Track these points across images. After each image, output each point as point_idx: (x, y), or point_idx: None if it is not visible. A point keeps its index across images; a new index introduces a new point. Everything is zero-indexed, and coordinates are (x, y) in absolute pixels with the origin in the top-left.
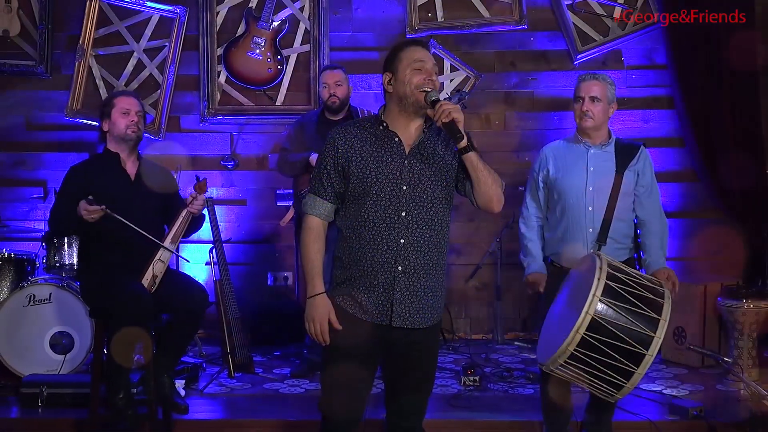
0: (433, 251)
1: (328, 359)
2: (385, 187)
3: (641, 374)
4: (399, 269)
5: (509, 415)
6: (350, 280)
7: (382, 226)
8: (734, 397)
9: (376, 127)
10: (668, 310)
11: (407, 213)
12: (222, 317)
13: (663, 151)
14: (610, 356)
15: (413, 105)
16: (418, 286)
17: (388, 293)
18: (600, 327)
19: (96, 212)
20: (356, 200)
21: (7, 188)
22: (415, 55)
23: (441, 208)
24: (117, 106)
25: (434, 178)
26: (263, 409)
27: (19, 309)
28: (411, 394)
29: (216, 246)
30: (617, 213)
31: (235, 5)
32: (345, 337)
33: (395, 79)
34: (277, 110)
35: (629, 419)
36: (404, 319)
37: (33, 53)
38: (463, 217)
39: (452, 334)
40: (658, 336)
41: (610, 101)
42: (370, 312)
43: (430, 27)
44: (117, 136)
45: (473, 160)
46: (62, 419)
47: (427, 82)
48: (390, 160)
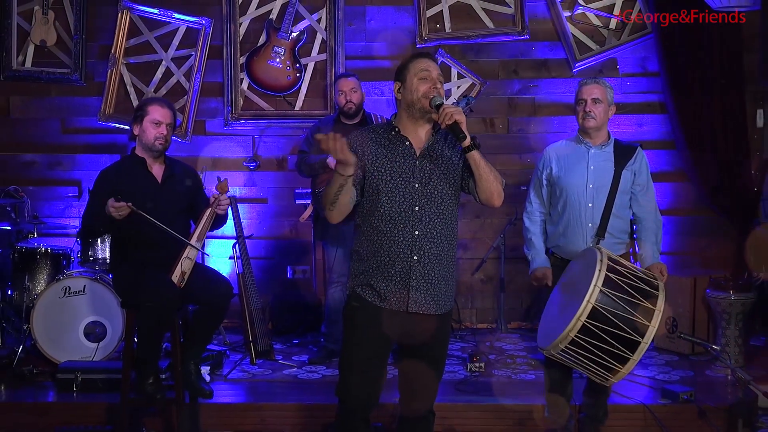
0: (444, 242)
1: (346, 345)
2: (399, 184)
3: (636, 360)
4: (414, 258)
5: (513, 399)
6: (368, 271)
7: (398, 219)
8: (722, 382)
9: (389, 132)
10: (662, 301)
11: (420, 207)
12: (244, 308)
13: (656, 153)
14: (608, 342)
15: (420, 111)
16: (432, 275)
17: (404, 281)
18: (600, 315)
19: (123, 209)
20: (372, 197)
21: (44, 188)
22: (422, 65)
23: (450, 203)
24: (150, 115)
25: (443, 176)
26: (283, 394)
27: (55, 300)
28: (423, 379)
29: (239, 241)
30: (615, 210)
31: (257, 17)
32: (364, 325)
33: (404, 87)
34: (295, 115)
35: (624, 402)
36: (420, 305)
37: (68, 62)
38: (470, 214)
39: (459, 323)
40: (653, 325)
41: (610, 103)
42: (388, 300)
43: (439, 37)
44: (145, 144)
45: (476, 158)
46: (95, 403)
47: (432, 90)
48: (402, 161)
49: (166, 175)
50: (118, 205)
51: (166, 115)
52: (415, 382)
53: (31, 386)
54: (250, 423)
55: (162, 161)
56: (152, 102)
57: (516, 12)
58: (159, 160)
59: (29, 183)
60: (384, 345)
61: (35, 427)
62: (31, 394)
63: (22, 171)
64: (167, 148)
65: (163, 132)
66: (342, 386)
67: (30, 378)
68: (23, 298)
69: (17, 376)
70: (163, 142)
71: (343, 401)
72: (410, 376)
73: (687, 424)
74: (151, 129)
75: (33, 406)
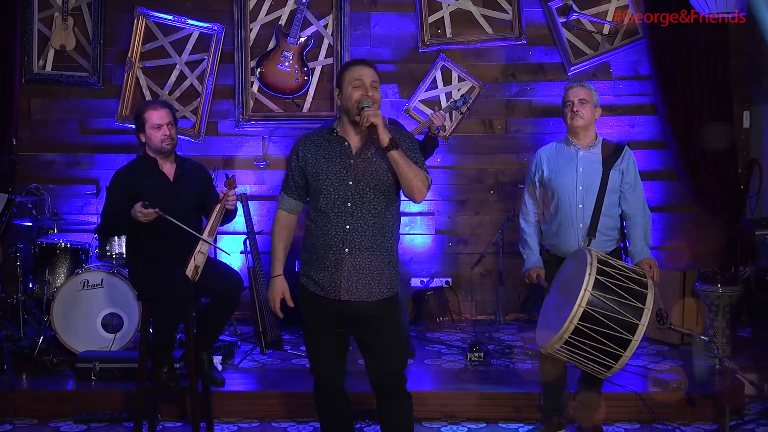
0: (376, 235)
1: (303, 332)
2: (334, 183)
3: (628, 356)
4: (346, 251)
5: (511, 387)
6: (309, 261)
7: (331, 214)
8: (710, 371)
9: (330, 135)
10: (651, 299)
11: (352, 203)
12: (255, 300)
13: (647, 153)
14: (601, 342)
15: (355, 115)
16: (364, 265)
17: (337, 271)
18: (591, 317)
19: (150, 215)
20: (315, 195)
21: (64, 186)
22: (355, 74)
23: (383, 199)
24: (149, 121)
25: (375, 174)
26: (291, 382)
27: (74, 293)
28: (383, 355)
29: (250, 237)
30: (604, 209)
31: (267, 23)
32: (309, 311)
33: (341, 94)
34: (303, 116)
35: (617, 391)
36: (351, 294)
37: (87, 65)
38: (470, 211)
39: (459, 315)
40: (642, 323)
41: (596, 105)
42: (324, 289)
43: (440, 42)
44: (154, 148)
45: (395, 158)
46: (113, 391)
47: (364, 97)
48: (338, 161)
49: (178, 173)
50: (147, 211)
51: (164, 116)
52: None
53: (52, 375)
54: (260, 410)
55: (173, 160)
56: (147, 108)
57: (514, 18)
58: (170, 159)
59: (49, 181)
60: (333, 326)
61: (55, 414)
62: (51, 383)
63: (43, 170)
64: (175, 144)
65: (166, 133)
66: (311, 365)
67: (50, 367)
68: (44, 291)
69: (38, 365)
70: (169, 141)
71: (314, 375)
72: (370, 353)
73: (677, 411)
74: (155, 133)
75: (53, 394)
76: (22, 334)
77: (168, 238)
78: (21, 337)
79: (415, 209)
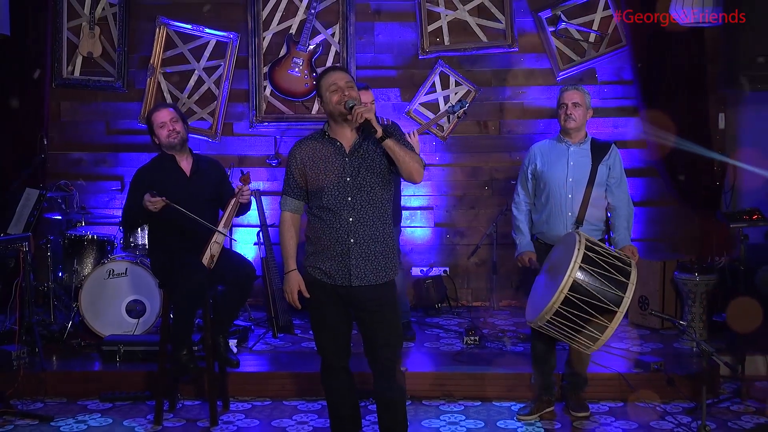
0: (377, 225)
1: (311, 316)
2: (333, 180)
3: (613, 328)
4: (351, 241)
5: (504, 368)
6: (315, 253)
7: (334, 209)
8: (688, 353)
9: (322, 137)
10: (635, 276)
11: (352, 198)
12: (267, 288)
13: (630, 152)
14: (588, 312)
15: (341, 116)
16: (369, 252)
17: (345, 261)
18: (580, 288)
19: (158, 203)
20: (315, 193)
21: (91, 182)
22: (329, 80)
23: (379, 191)
24: (155, 123)
25: (370, 169)
26: (301, 364)
27: (100, 281)
28: (383, 334)
29: (262, 229)
30: (592, 200)
31: (278, 32)
32: (316, 297)
33: (322, 101)
34: (312, 118)
35: (602, 371)
36: (361, 279)
37: (112, 71)
38: (465, 205)
39: (456, 302)
40: (627, 296)
41: (588, 107)
42: (333, 277)
43: (439, 49)
44: (165, 146)
45: (390, 145)
46: (136, 372)
47: (342, 98)
48: (335, 160)
49: (194, 169)
50: (154, 199)
51: (165, 115)
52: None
53: (79, 357)
54: (272, 389)
55: (189, 155)
56: (152, 113)
57: (507, 27)
58: (186, 156)
59: (78, 178)
60: (338, 309)
61: (83, 393)
62: (79, 364)
63: (71, 167)
64: (184, 138)
65: (170, 128)
66: (317, 345)
67: (78, 350)
68: (72, 279)
69: (67, 348)
70: (175, 135)
71: (321, 356)
72: (370, 335)
73: (657, 390)
74: (161, 131)
75: (81, 375)
76: (52, 320)
77: (186, 231)
78: (51, 322)
79: (415, 204)
